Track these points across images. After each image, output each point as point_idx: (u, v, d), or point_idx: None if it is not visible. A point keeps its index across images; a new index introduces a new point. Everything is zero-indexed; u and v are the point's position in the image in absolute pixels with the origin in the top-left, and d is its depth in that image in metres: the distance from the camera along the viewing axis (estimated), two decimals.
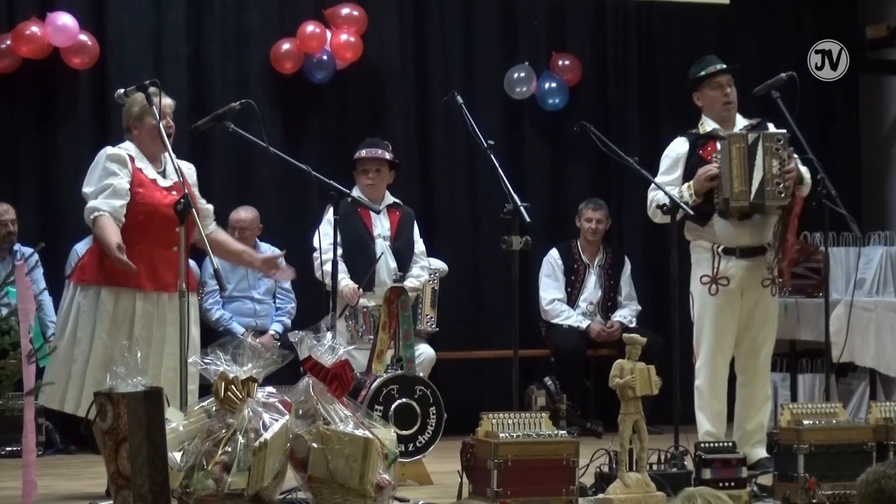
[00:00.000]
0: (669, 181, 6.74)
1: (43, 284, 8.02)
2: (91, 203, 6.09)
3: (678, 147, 6.90)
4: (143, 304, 6.06)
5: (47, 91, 8.60)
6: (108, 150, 6.20)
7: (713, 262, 6.76)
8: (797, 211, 6.76)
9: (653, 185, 6.71)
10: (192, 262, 6.64)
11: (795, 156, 6.74)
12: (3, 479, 6.53)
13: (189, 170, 6.38)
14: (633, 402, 5.69)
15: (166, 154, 6.18)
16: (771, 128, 6.82)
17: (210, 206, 6.52)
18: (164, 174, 6.20)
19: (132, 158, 6.16)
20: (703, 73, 6.91)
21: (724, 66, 6.93)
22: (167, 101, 6.26)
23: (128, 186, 6.09)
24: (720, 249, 6.77)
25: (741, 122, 6.91)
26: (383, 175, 7.79)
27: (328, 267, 7.41)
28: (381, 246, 7.73)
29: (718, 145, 6.73)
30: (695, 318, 6.83)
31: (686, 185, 6.73)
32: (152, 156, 6.18)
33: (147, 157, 6.17)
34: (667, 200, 6.48)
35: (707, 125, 6.89)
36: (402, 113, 9.31)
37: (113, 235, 5.96)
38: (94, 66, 8.58)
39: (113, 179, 6.07)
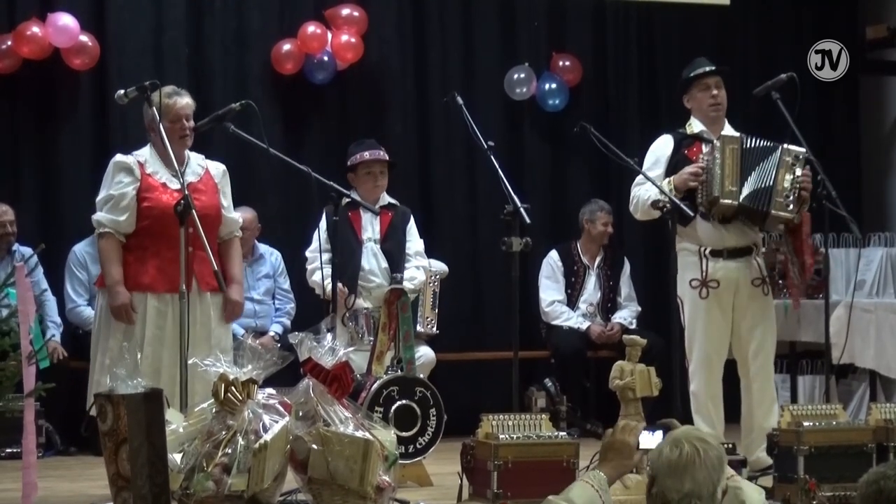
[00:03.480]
0: (651, 177, 6.69)
1: (44, 285, 8.03)
2: (96, 215, 6.14)
3: (663, 144, 6.87)
4: (157, 304, 6.07)
5: (48, 91, 8.58)
6: (116, 158, 6.20)
7: (701, 264, 6.70)
8: (807, 230, 6.75)
9: (636, 181, 6.69)
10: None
11: (810, 175, 6.67)
12: (4, 481, 6.53)
13: (216, 170, 6.36)
14: (633, 404, 5.69)
15: (189, 154, 6.23)
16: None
17: (234, 217, 6.42)
18: (183, 175, 6.08)
19: (142, 164, 6.14)
20: (691, 74, 6.89)
21: (713, 67, 6.90)
22: (184, 102, 6.22)
23: (133, 194, 6.09)
24: (707, 252, 6.71)
25: (729, 129, 6.88)
26: (385, 175, 7.78)
27: (316, 277, 7.42)
28: (370, 249, 7.70)
29: (704, 147, 6.72)
30: (685, 323, 6.75)
31: (667, 180, 6.68)
32: (176, 157, 6.06)
33: (165, 160, 6.08)
34: (652, 195, 6.46)
35: (695, 126, 6.86)
36: (401, 113, 9.30)
37: (114, 270, 6.04)
38: (94, 67, 8.57)
39: (116, 189, 6.10)
